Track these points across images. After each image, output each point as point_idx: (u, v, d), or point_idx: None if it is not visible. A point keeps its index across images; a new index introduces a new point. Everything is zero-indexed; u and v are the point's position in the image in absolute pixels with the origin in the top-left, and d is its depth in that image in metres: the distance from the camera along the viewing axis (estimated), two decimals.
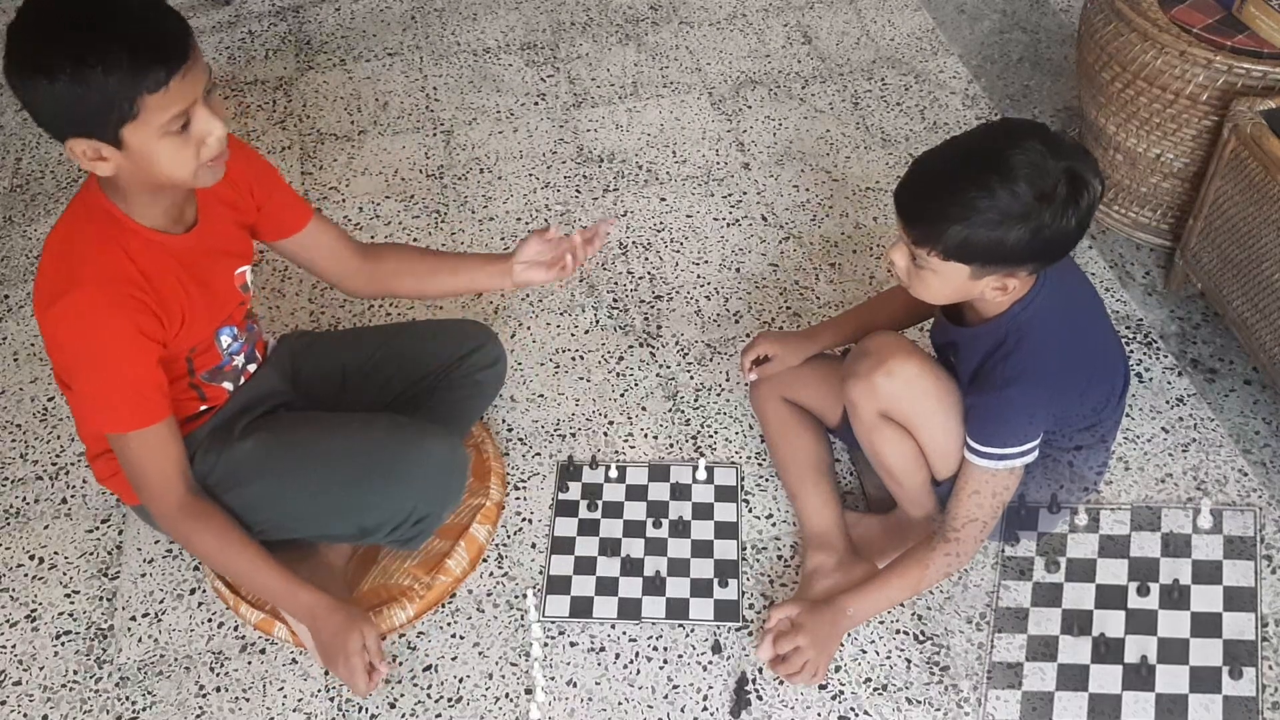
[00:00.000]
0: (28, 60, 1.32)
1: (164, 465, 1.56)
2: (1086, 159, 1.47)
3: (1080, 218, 1.46)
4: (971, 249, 1.47)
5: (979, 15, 3.05)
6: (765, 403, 1.99)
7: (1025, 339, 1.58)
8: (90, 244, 1.46)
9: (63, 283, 1.44)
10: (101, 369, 1.47)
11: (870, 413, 1.71)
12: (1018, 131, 1.48)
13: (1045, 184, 1.43)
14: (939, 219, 1.47)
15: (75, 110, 1.33)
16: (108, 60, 1.30)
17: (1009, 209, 1.43)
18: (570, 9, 3.12)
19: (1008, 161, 1.43)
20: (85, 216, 1.48)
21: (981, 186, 1.44)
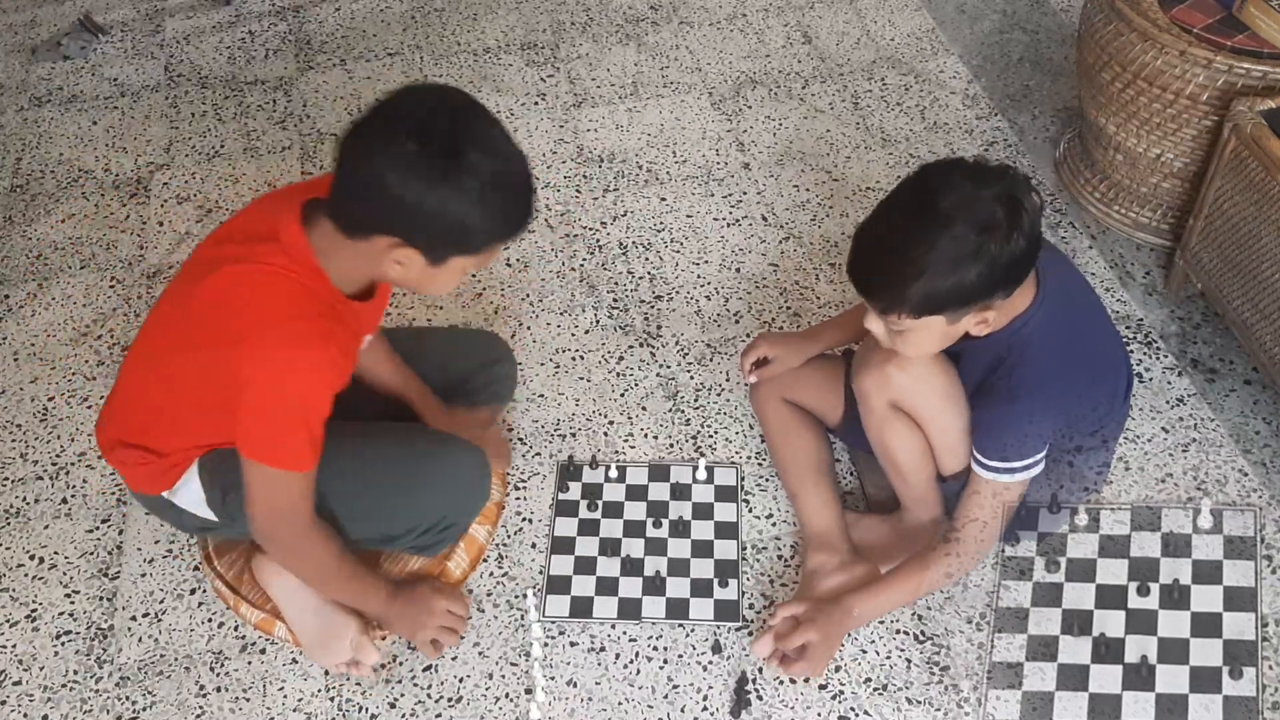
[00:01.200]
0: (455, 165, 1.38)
1: (308, 495, 1.59)
2: (1014, 178, 1.47)
3: (1028, 234, 1.46)
4: (936, 300, 1.49)
5: (979, 15, 3.05)
6: (765, 403, 1.99)
7: (1028, 354, 1.58)
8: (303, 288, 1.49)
9: (282, 331, 1.46)
10: (296, 419, 1.50)
11: (881, 404, 1.72)
12: (939, 174, 1.49)
13: (982, 216, 1.43)
14: (895, 284, 1.49)
15: (447, 227, 1.42)
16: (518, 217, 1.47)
17: (957, 253, 1.44)
18: (570, 9, 3.12)
19: (939, 208, 1.44)
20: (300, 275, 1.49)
21: (923, 240, 1.45)
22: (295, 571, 1.69)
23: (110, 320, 2.35)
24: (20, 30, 3.14)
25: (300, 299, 1.48)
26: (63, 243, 2.53)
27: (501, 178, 1.42)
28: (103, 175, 2.69)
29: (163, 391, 1.61)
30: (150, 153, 2.74)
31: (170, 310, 1.61)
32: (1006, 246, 1.44)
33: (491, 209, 1.42)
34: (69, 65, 3.01)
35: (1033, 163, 2.61)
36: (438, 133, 1.38)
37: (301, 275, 1.49)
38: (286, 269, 1.48)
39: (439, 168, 1.38)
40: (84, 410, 2.18)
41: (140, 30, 3.12)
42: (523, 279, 2.40)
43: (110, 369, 2.25)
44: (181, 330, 1.55)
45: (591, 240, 2.47)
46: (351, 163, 1.42)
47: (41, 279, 2.45)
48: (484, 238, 1.47)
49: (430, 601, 1.78)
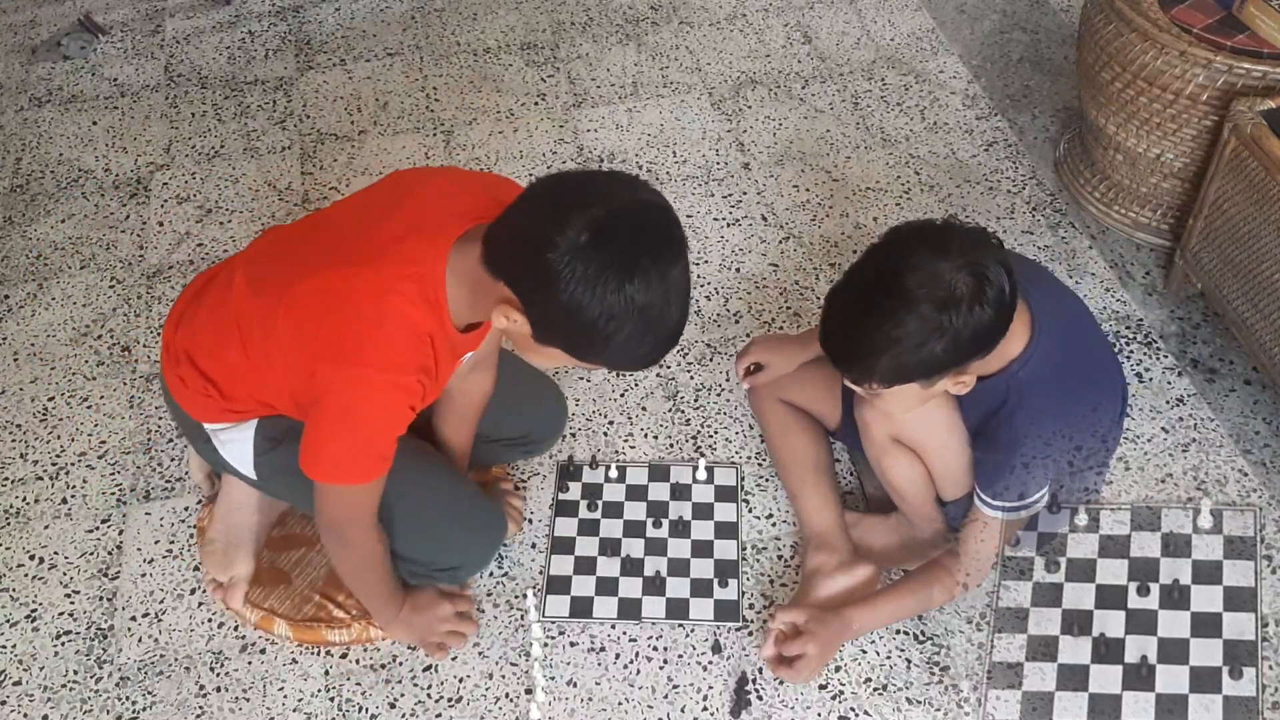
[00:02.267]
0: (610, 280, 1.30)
1: (373, 500, 1.58)
2: (979, 247, 1.46)
3: (994, 303, 1.44)
4: (904, 373, 1.49)
5: (979, 15, 3.05)
6: (764, 404, 2.00)
7: (1027, 398, 1.58)
8: (411, 327, 1.44)
9: (367, 352, 1.42)
10: (365, 438, 1.49)
11: (882, 435, 1.72)
12: (905, 246, 1.47)
13: (943, 293, 1.42)
14: (862, 359, 1.49)
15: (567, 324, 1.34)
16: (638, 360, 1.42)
17: (919, 331, 1.43)
18: (570, 9, 3.12)
19: (903, 285, 1.43)
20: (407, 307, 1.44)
21: (887, 319, 1.44)
22: (339, 561, 1.69)
23: (110, 320, 2.35)
24: (20, 30, 3.14)
25: (404, 346, 1.44)
26: (63, 243, 2.53)
27: (648, 319, 1.34)
28: (103, 175, 2.69)
29: (251, 342, 1.57)
30: (150, 153, 2.74)
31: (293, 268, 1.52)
32: (970, 319, 1.43)
33: (617, 340, 1.34)
34: (69, 65, 3.01)
35: (1033, 163, 2.61)
36: (621, 239, 1.31)
37: (420, 310, 1.44)
38: (409, 300, 1.43)
39: (595, 268, 1.30)
40: (84, 410, 2.18)
41: (140, 30, 3.12)
42: None
43: (110, 369, 2.24)
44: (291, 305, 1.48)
45: None
46: (527, 210, 1.36)
47: (41, 279, 2.45)
48: (594, 356, 1.41)
49: (437, 607, 1.80)
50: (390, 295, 1.43)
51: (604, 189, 1.36)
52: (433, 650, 1.79)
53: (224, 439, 1.70)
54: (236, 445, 1.70)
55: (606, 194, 1.35)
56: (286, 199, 2.60)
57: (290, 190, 2.62)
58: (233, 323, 1.59)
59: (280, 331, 1.51)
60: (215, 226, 2.54)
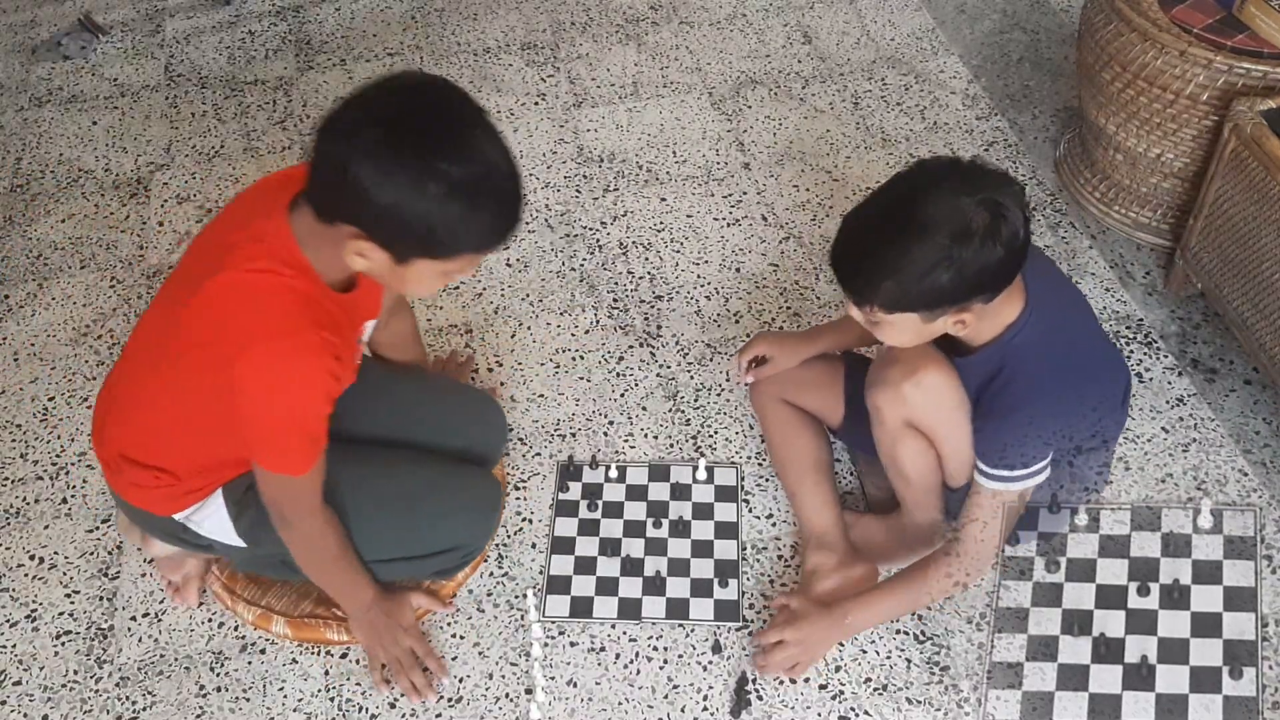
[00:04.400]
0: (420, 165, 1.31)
1: (313, 489, 1.58)
2: (1003, 186, 1.47)
3: (1007, 243, 1.45)
4: (907, 299, 1.49)
5: (979, 15, 3.05)
6: (765, 403, 1.99)
7: (1022, 366, 1.58)
8: (286, 291, 1.44)
9: (273, 346, 1.43)
10: (291, 429, 1.49)
11: (895, 420, 1.71)
12: (931, 175, 1.48)
13: (959, 223, 1.43)
14: (868, 278, 1.50)
15: (406, 227, 1.35)
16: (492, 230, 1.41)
17: (929, 257, 1.44)
18: (570, 9, 3.12)
19: (922, 210, 1.44)
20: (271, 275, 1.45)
21: (898, 240, 1.45)
22: (294, 551, 1.66)
23: (110, 320, 2.35)
24: (20, 30, 3.14)
25: (290, 307, 1.44)
26: (63, 243, 2.53)
27: (475, 186, 1.35)
28: (103, 175, 2.69)
29: (174, 408, 1.57)
30: (150, 153, 2.74)
31: (168, 323, 1.55)
32: (981, 253, 1.44)
33: (459, 217, 1.35)
34: (69, 65, 3.01)
35: (1033, 163, 2.61)
36: (411, 127, 1.32)
37: (288, 276, 1.44)
38: (273, 271, 1.44)
39: (403, 164, 1.31)
40: (84, 410, 2.18)
41: (140, 30, 3.12)
42: (523, 279, 2.40)
43: (110, 369, 2.24)
44: (184, 347, 1.51)
45: (591, 240, 2.47)
46: (324, 144, 1.36)
47: (41, 279, 2.45)
48: (450, 245, 1.39)
49: (404, 617, 1.78)
50: (251, 274, 1.44)
51: (376, 94, 1.37)
52: (375, 673, 1.76)
53: (197, 520, 1.68)
54: (212, 520, 1.68)
55: (382, 94, 1.36)
56: None
57: None
58: (143, 392, 1.59)
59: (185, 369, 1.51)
60: None
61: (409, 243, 1.38)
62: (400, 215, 1.34)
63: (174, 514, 1.68)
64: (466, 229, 1.38)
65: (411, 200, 1.32)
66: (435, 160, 1.32)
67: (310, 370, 1.44)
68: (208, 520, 1.68)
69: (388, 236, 1.37)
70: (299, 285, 1.45)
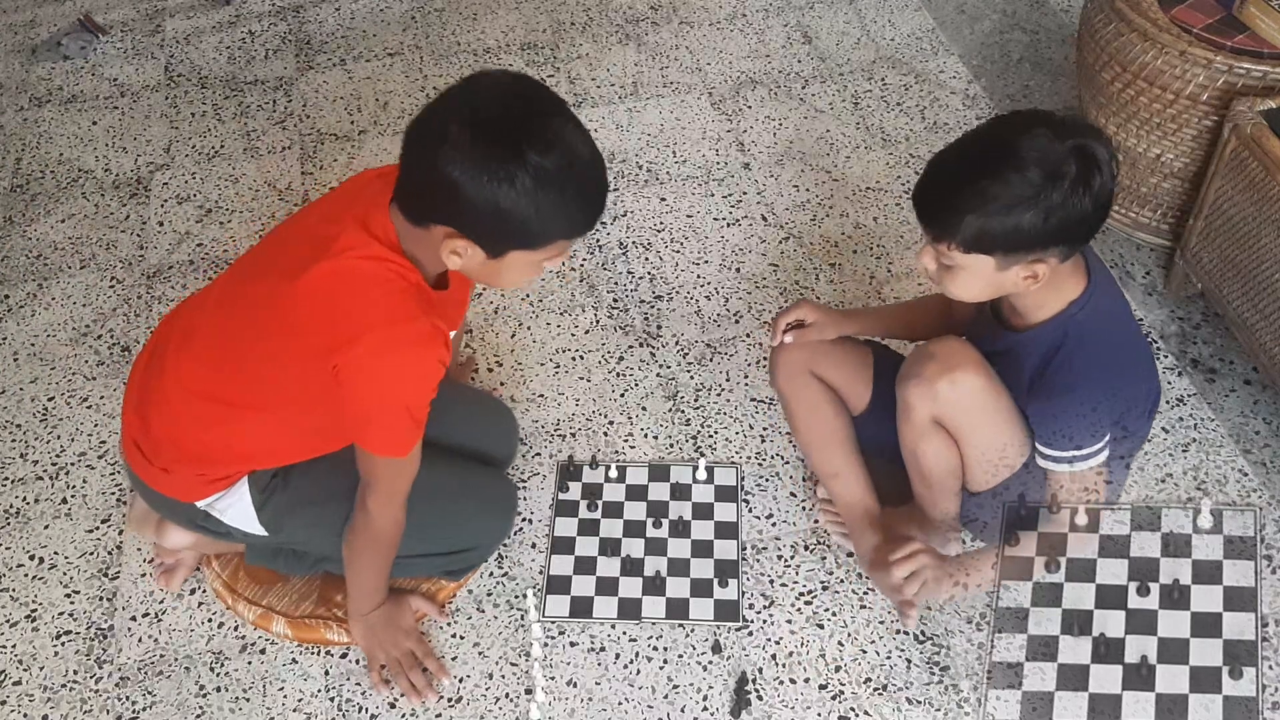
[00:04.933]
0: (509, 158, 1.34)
1: (410, 474, 1.60)
2: (1096, 136, 1.47)
3: (1095, 195, 1.45)
4: (989, 238, 1.48)
5: (979, 15, 3.05)
6: (793, 375, 1.89)
7: (1086, 339, 1.57)
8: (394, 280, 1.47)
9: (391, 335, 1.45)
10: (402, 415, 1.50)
11: (924, 417, 1.68)
12: (1026, 120, 1.49)
13: (1052, 165, 1.43)
14: (953, 212, 1.48)
15: (500, 221, 1.38)
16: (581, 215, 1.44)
17: (1018, 193, 1.43)
18: (570, 9, 3.12)
19: (1015, 148, 1.44)
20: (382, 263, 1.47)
21: (989, 175, 1.45)
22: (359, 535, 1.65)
23: (110, 320, 2.35)
24: (20, 30, 3.14)
25: (404, 295, 1.46)
26: (63, 243, 2.53)
27: (561, 174, 1.37)
28: (103, 175, 2.69)
29: (244, 395, 1.58)
30: (150, 153, 2.74)
31: (255, 312, 1.55)
32: (1070, 199, 1.44)
33: (550, 206, 1.38)
34: (69, 65, 3.01)
35: None
36: (496, 123, 1.35)
37: (399, 265, 1.47)
38: (385, 260, 1.46)
39: (492, 160, 1.34)
40: (84, 410, 2.18)
41: (140, 30, 3.12)
42: None
43: (111, 369, 2.25)
44: (275, 334, 1.51)
45: (591, 240, 2.47)
46: (412, 149, 1.41)
47: (41, 279, 2.45)
48: (543, 235, 1.43)
49: (404, 620, 1.78)
50: (362, 262, 1.46)
51: (459, 94, 1.39)
52: (376, 677, 1.76)
53: (221, 508, 1.69)
54: (235, 509, 1.69)
55: (465, 93, 1.39)
56: (286, 199, 2.60)
57: (290, 190, 2.62)
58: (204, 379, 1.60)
59: (276, 354, 1.52)
60: (215, 226, 2.54)
61: (503, 236, 1.41)
62: (494, 210, 1.37)
63: (198, 501, 1.68)
64: (558, 217, 1.41)
65: (504, 194, 1.35)
66: (524, 152, 1.34)
67: (425, 357, 1.47)
68: (231, 509, 1.69)
69: (482, 232, 1.41)
70: (409, 275, 1.48)
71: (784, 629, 1.83)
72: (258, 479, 1.67)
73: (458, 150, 1.34)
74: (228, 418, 1.60)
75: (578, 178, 1.41)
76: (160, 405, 1.64)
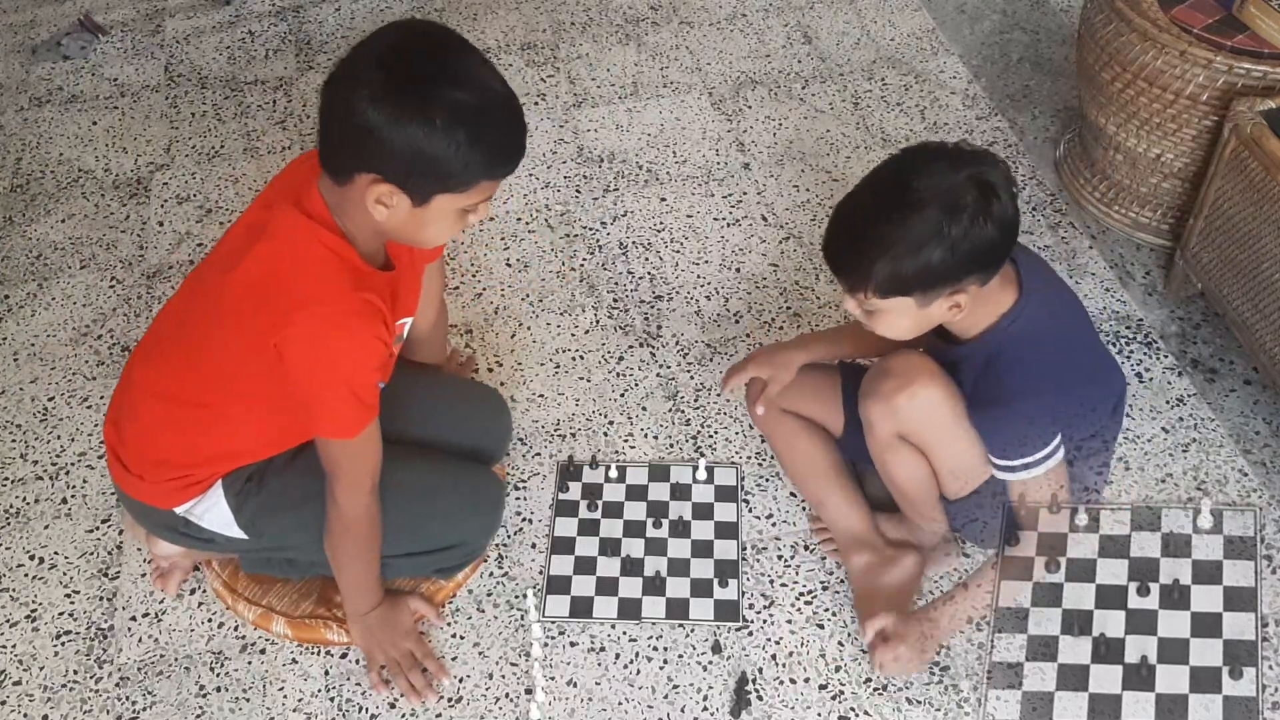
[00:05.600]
0: (423, 95, 1.36)
1: (367, 461, 1.59)
2: (991, 162, 1.48)
3: (998, 221, 1.46)
4: (901, 281, 1.49)
5: (979, 15, 3.05)
6: (768, 417, 1.95)
7: (1015, 354, 1.58)
8: (335, 258, 1.48)
9: (321, 312, 1.45)
10: (343, 394, 1.50)
11: (887, 433, 1.70)
12: (918, 156, 1.50)
13: (950, 199, 1.44)
14: (860, 262, 1.50)
15: (422, 162, 1.38)
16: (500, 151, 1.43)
17: (921, 233, 1.44)
18: (570, 9, 3.12)
19: (911, 189, 1.45)
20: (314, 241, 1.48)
21: (890, 219, 1.46)
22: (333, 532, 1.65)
23: (110, 320, 2.35)
24: (20, 30, 3.14)
25: (333, 272, 1.46)
26: (63, 243, 2.53)
27: (477, 110, 1.38)
28: (103, 175, 2.69)
29: (200, 391, 1.59)
30: (150, 153, 2.74)
31: (202, 303, 1.57)
32: (972, 230, 1.44)
33: (468, 142, 1.38)
34: (69, 65, 3.01)
35: (1033, 163, 2.61)
36: (408, 63, 1.36)
37: (329, 242, 1.47)
38: (313, 237, 1.46)
39: (406, 97, 1.35)
40: (84, 410, 2.18)
41: (140, 30, 3.12)
42: (523, 279, 2.40)
43: (110, 369, 2.25)
44: (223, 321, 1.52)
45: (591, 240, 2.47)
46: (328, 100, 1.40)
47: (41, 279, 2.45)
48: (464, 173, 1.42)
49: (403, 620, 1.78)
50: (291, 242, 1.47)
51: (370, 42, 1.41)
52: (375, 678, 1.76)
53: (198, 513, 1.69)
54: (213, 513, 1.69)
55: (375, 41, 1.40)
56: None
57: None
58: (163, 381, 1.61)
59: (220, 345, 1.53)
60: (215, 226, 2.54)
61: (426, 178, 1.41)
62: (414, 149, 1.37)
63: (175, 508, 1.68)
64: (477, 153, 1.40)
65: (423, 133, 1.36)
66: (439, 88, 1.36)
67: (359, 333, 1.47)
68: (208, 514, 1.68)
69: (404, 174, 1.40)
70: (341, 251, 1.48)
71: (784, 629, 1.83)
72: (231, 483, 1.67)
73: (373, 94, 1.35)
74: (190, 419, 1.61)
75: (495, 113, 1.42)
76: (130, 413, 1.66)
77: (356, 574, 1.71)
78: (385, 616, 1.76)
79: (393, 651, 1.76)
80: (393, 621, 1.77)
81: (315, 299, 1.45)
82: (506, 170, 1.47)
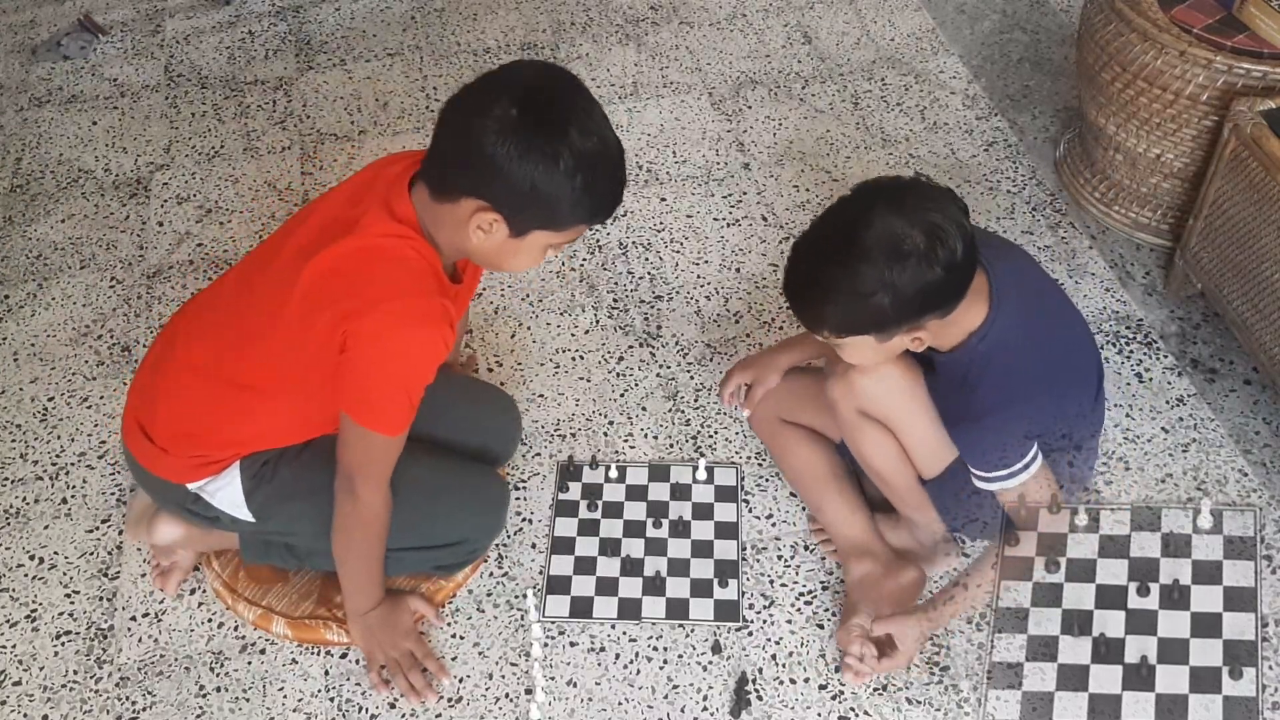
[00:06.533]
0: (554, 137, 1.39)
1: (394, 458, 1.62)
2: (941, 205, 1.48)
3: (946, 264, 1.46)
4: (855, 323, 1.52)
5: (979, 15, 3.05)
6: (766, 427, 1.98)
7: (989, 370, 1.59)
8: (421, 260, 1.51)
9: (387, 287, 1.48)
10: (399, 390, 1.53)
11: (849, 411, 1.73)
12: (868, 199, 1.51)
13: (894, 246, 1.45)
14: (812, 306, 1.54)
15: (535, 199, 1.42)
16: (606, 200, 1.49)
17: (867, 282, 1.46)
18: (570, 9, 3.12)
19: (856, 236, 1.47)
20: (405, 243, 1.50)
21: (834, 267, 1.49)
22: (342, 526, 1.66)
23: (110, 320, 2.35)
24: (20, 30, 3.14)
25: (419, 272, 1.50)
26: (63, 243, 2.53)
27: (596, 158, 1.43)
28: (103, 175, 2.69)
29: (252, 377, 1.60)
30: (150, 153, 2.74)
31: (265, 290, 1.58)
32: (919, 274, 1.45)
33: (582, 188, 1.43)
34: (69, 65, 3.01)
35: (1033, 163, 2.61)
36: (541, 104, 1.40)
37: (419, 245, 1.50)
38: (404, 237, 1.49)
39: (538, 137, 1.39)
40: (84, 410, 2.18)
41: (140, 30, 3.12)
42: (523, 279, 2.40)
43: (111, 369, 2.25)
44: (286, 307, 1.53)
45: (591, 240, 2.47)
46: (451, 123, 1.44)
47: (41, 279, 2.45)
48: (570, 216, 1.47)
49: (403, 620, 1.78)
50: (382, 240, 1.50)
51: (501, 75, 1.45)
52: (375, 678, 1.76)
53: (211, 490, 1.70)
54: (225, 492, 1.70)
55: (508, 74, 1.45)
56: (286, 199, 2.60)
57: (290, 190, 2.62)
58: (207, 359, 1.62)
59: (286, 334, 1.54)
60: (215, 226, 2.54)
61: (533, 214, 1.46)
62: (530, 187, 1.41)
63: (190, 484, 1.69)
64: (587, 200, 1.46)
65: (546, 173, 1.40)
66: (568, 132, 1.40)
67: (432, 335, 1.50)
68: (220, 492, 1.70)
69: (515, 209, 1.44)
70: (430, 257, 1.51)
71: (784, 629, 1.83)
72: (249, 465, 1.68)
73: (502, 125, 1.38)
74: (228, 397, 1.63)
75: (610, 164, 1.46)
76: (170, 385, 1.67)
77: (360, 570, 1.72)
78: (385, 616, 1.76)
79: (393, 651, 1.76)
80: (393, 621, 1.77)
81: (403, 293, 1.48)
82: (604, 218, 1.53)
